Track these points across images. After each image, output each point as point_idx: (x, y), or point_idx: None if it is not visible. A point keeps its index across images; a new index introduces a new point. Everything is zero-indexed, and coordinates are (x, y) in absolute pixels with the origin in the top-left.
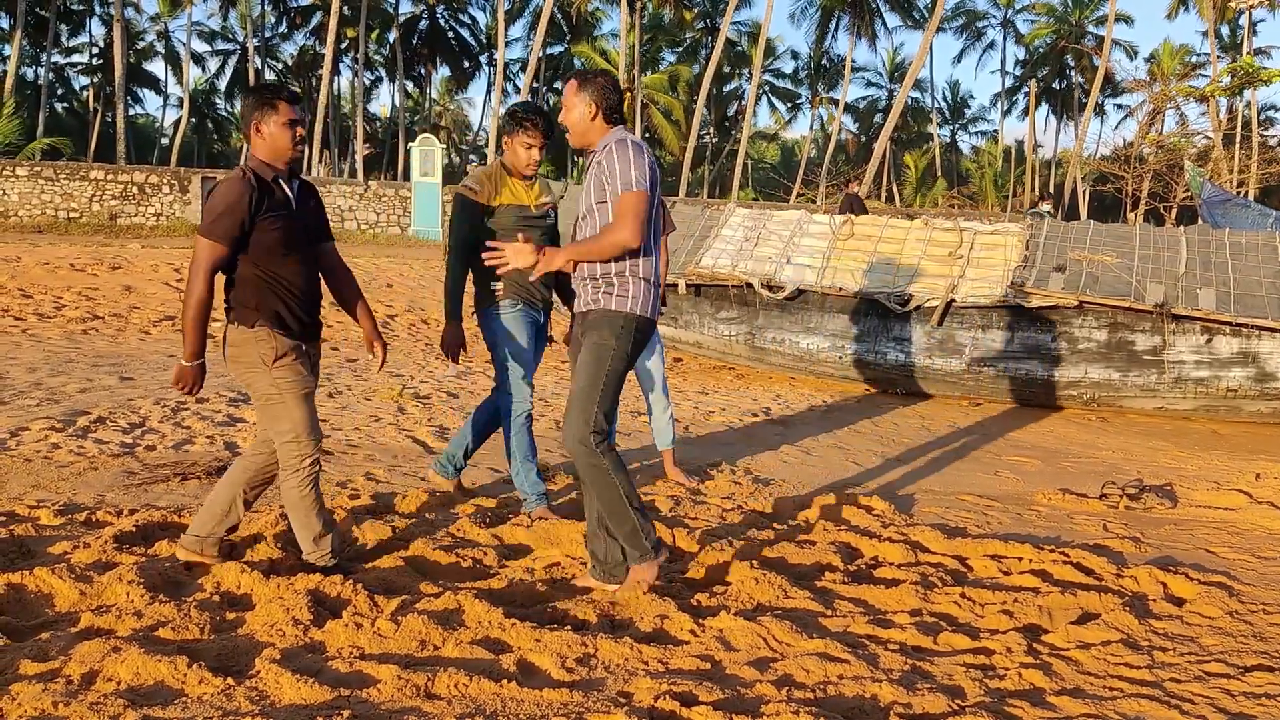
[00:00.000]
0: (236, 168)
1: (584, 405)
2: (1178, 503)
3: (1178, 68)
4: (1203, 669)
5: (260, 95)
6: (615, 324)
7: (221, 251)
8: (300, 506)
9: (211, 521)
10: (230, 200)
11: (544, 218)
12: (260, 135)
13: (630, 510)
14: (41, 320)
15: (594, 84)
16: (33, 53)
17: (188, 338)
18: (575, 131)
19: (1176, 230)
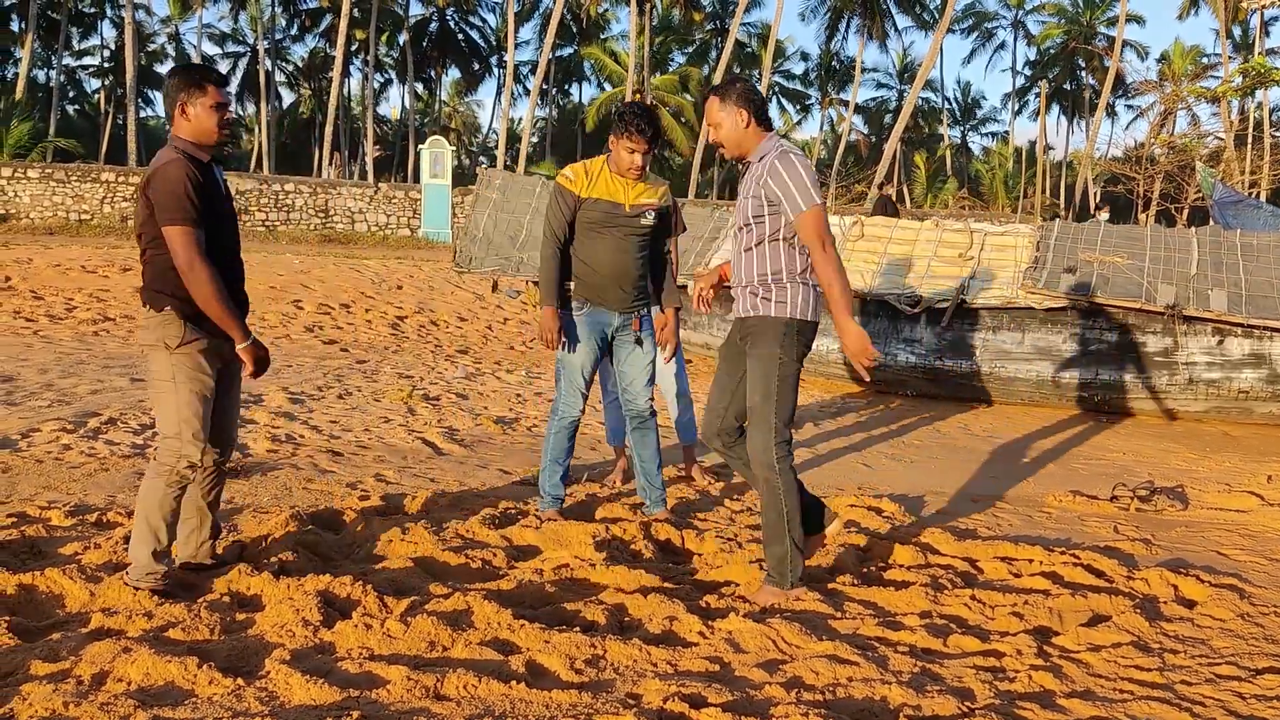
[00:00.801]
0: (166, 149)
1: (764, 417)
2: (1189, 505)
3: (1189, 68)
4: (1214, 671)
5: (188, 75)
6: (779, 331)
7: (197, 232)
8: (153, 511)
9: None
10: (183, 179)
11: (637, 218)
12: (185, 117)
13: (787, 535)
14: (53, 322)
15: (736, 92)
16: (44, 55)
17: (230, 325)
18: (730, 144)
19: (1188, 231)
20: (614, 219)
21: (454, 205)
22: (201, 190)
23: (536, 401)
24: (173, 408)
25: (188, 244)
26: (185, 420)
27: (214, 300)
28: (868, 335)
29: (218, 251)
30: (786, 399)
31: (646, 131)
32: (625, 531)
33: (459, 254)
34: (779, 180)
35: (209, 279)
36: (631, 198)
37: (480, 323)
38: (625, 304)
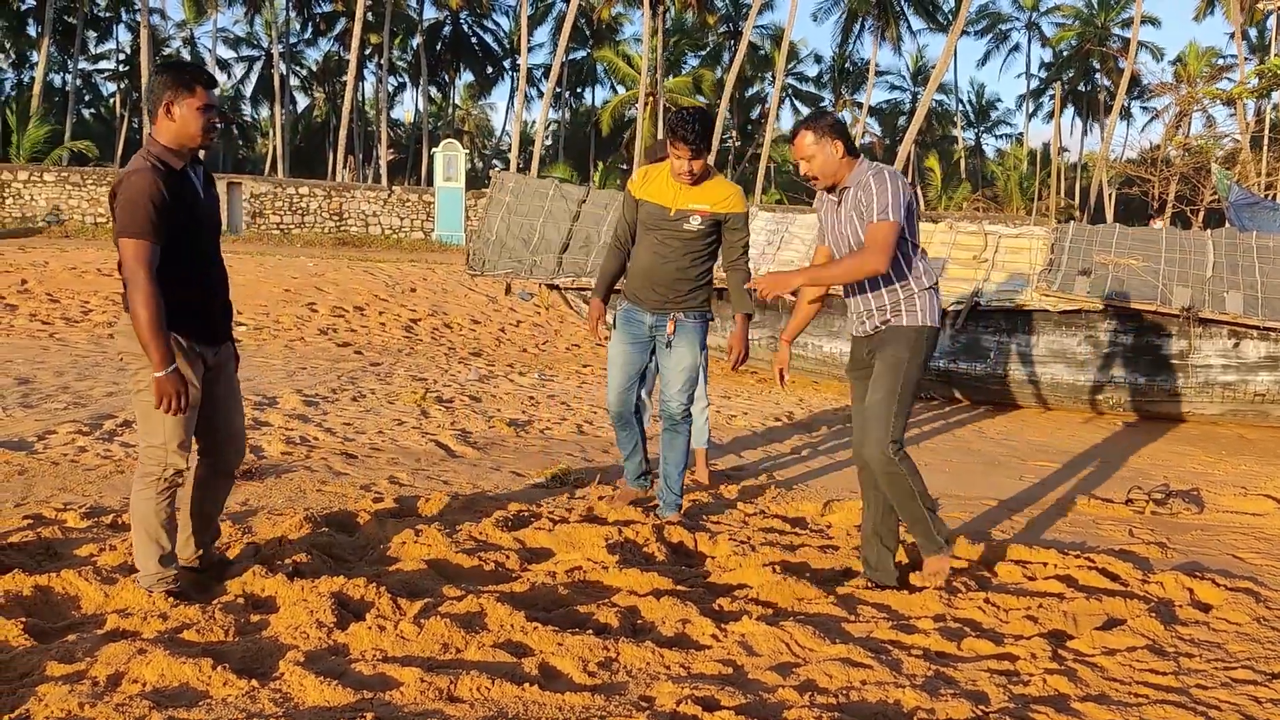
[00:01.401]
0: (139, 155)
1: (883, 416)
2: (1204, 508)
3: (1204, 70)
4: (1229, 675)
5: (176, 74)
6: (909, 337)
7: (151, 248)
8: (150, 520)
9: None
10: (149, 191)
11: (680, 221)
12: (170, 117)
13: (924, 510)
14: (68, 325)
15: (827, 124)
16: (60, 59)
17: (151, 347)
18: (825, 175)
19: (1203, 233)
20: (658, 221)
21: (467, 208)
22: (167, 202)
23: (549, 404)
24: (157, 417)
25: (135, 257)
26: (170, 430)
27: (146, 319)
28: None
29: (192, 258)
30: (907, 400)
31: (688, 138)
32: (638, 534)
33: (472, 257)
34: (867, 196)
35: (147, 297)
36: (680, 202)
37: (493, 325)
38: (659, 305)
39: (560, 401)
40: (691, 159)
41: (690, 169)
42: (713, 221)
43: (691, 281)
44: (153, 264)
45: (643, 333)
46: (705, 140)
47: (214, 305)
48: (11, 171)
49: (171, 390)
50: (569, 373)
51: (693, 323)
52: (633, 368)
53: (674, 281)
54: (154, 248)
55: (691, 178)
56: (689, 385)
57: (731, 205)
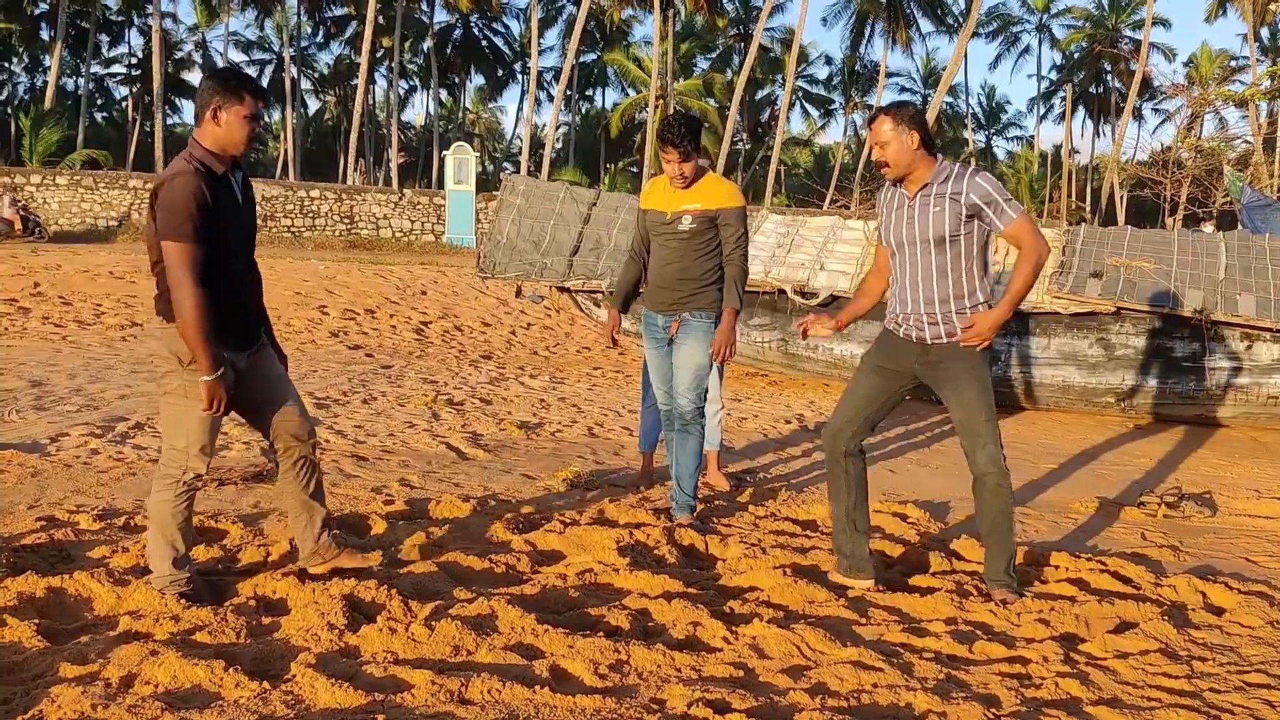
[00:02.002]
0: (180, 157)
1: (993, 430)
2: (1217, 511)
3: (1217, 71)
4: (1243, 679)
5: (225, 82)
6: (980, 352)
7: (196, 251)
8: (166, 522)
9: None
10: (191, 194)
11: (674, 223)
12: (216, 123)
13: (1011, 533)
14: (81, 327)
15: (908, 114)
16: (73, 63)
17: (200, 350)
18: (896, 163)
19: (1215, 235)
20: (659, 226)
21: (478, 211)
22: (209, 205)
23: (560, 406)
24: (182, 422)
25: (180, 261)
26: (194, 436)
27: (194, 323)
28: (993, 323)
29: (230, 262)
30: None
31: (673, 139)
32: (649, 536)
33: (483, 259)
34: (985, 193)
35: (195, 301)
36: (675, 205)
37: (504, 328)
38: (666, 306)
39: (571, 404)
40: (681, 161)
41: (682, 171)
42: (706, 219)
43: (695, 281)
44: (197, 267)
45: (661, 334)
46: (692, 142)
47: (248, 311)
48: (24, 175)
49: (221, 393)
50: (580, 375)
51: (698, 322)
52: (668, 368)
53: (677, 282)
54: (197, 250)
55: (684, 180)
56: (696, 384)
57: (722, 201)
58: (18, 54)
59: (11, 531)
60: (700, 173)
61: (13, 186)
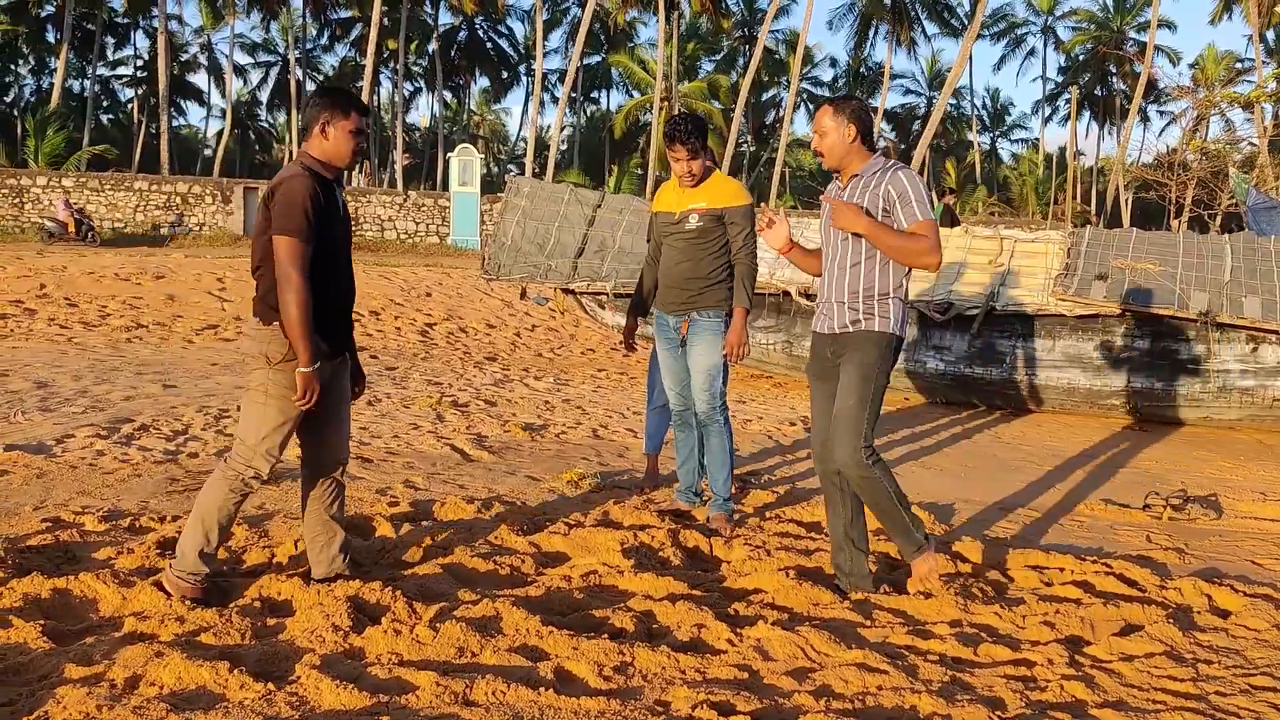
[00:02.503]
0: (293, 164)
1: (854, 422)
2: (1223, 514)
3: (1222, 73)
4: (1248, 682)
5: (334, 99)
6: (881, 344)
7: (305, 248)
8: (211, 511)
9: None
10: (307, 194)
11: (681, 223)
12: (325, 137)
13: (901, 511)
14: (87, 329)
15: (850, 107)
16: (79, 65)
17: (302, 343)
18: (831, 154)
19: (1221, 237)
20: (668, 227)
21: (482, 213)
22: (322, 209)
23: (564, 408)
24: (258, 419)
25: (291, 255)
26: (266, 435)
27: (298, 316)
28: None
29: (331, 269)
30: (876, 407)
31: (681, 137)
32: (653, 538)
33: (487, 261)
34: (901, 189)
35: (299, 294)
36: (682, 204)
37: (509, 330)
38: (675, 306)
39: (575, 406)
40: (689, 159)
41: (690, 169)
42: (712, 217)
43: (703, 280)
44: (306, 263)
45: (672, 335)
46: (699, 140)
47: (341, 319)
48: (30, 177)
49: (315, 386)
50: (584, 377)
51: (707, 321)
52: (680, 369)
53: (685, 281)
54: (307, 249)
55: (693, 179)
56: (710, 385)
57: (728, 199)
58: (24, 56)
59: (17, 533)
60: (708, 172)
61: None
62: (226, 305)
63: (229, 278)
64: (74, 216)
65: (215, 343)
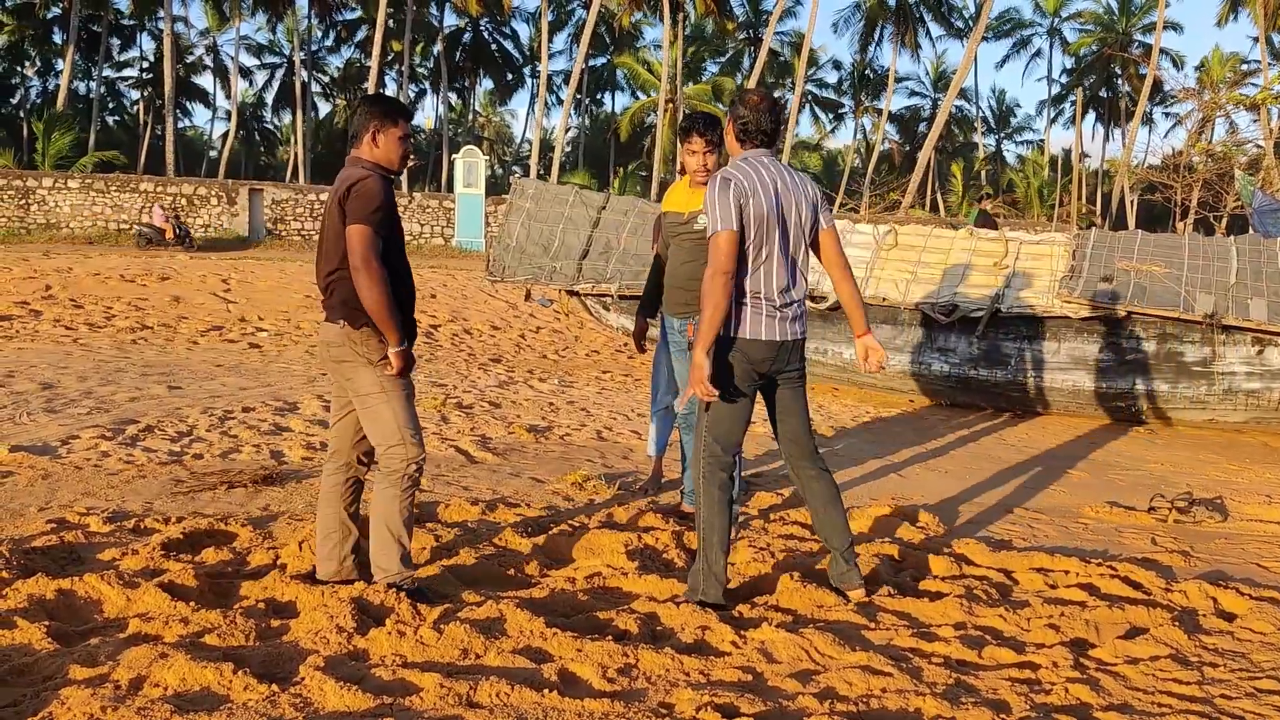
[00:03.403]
0: (355, 167)
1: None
2: (1228, 516)
3: (1228, 75)
4: (1254, 685)
5: (384, 107)
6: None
7: (378, 239)
8: (394, 518)
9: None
10: (382, 191)
11: (690, 223)
12: (375, 144)
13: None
14: (92, 330)
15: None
16: (85, 67)
17: (390, 324)
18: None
19: (1226, 240)
20: (676, 227)
21: (487, 214)
22: (391, 205)
23: (569, 410)
24: (390, 417)
25: (366, 244)
26: (404, 425)
27: (379, 299)
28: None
29: (396, 268)
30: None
31: (699, 128)
32: (657, 540)
33: (492, 263)
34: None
35: (379, 278)
36: (692, 204)
37: (513, 331)
38: (680, 308)
39: (580, 408)
40: (705, 152)
41: (705, 164)
42: None
43: None
44: (379, 251)
45: (677, 339)
46: (715, 131)
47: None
48: (36, 179)
49: (410, 363)
50: (589, 379)
51: None
52: (680, 373)
53: (690, 282)
54: (379, 239)
55: (707, 175)
56: None
57: None
58: (30, 58)
59: (22, 534)
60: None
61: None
62: (232, 307)
63: (234, 279)
64: (171, 223)
65: (220, 344)
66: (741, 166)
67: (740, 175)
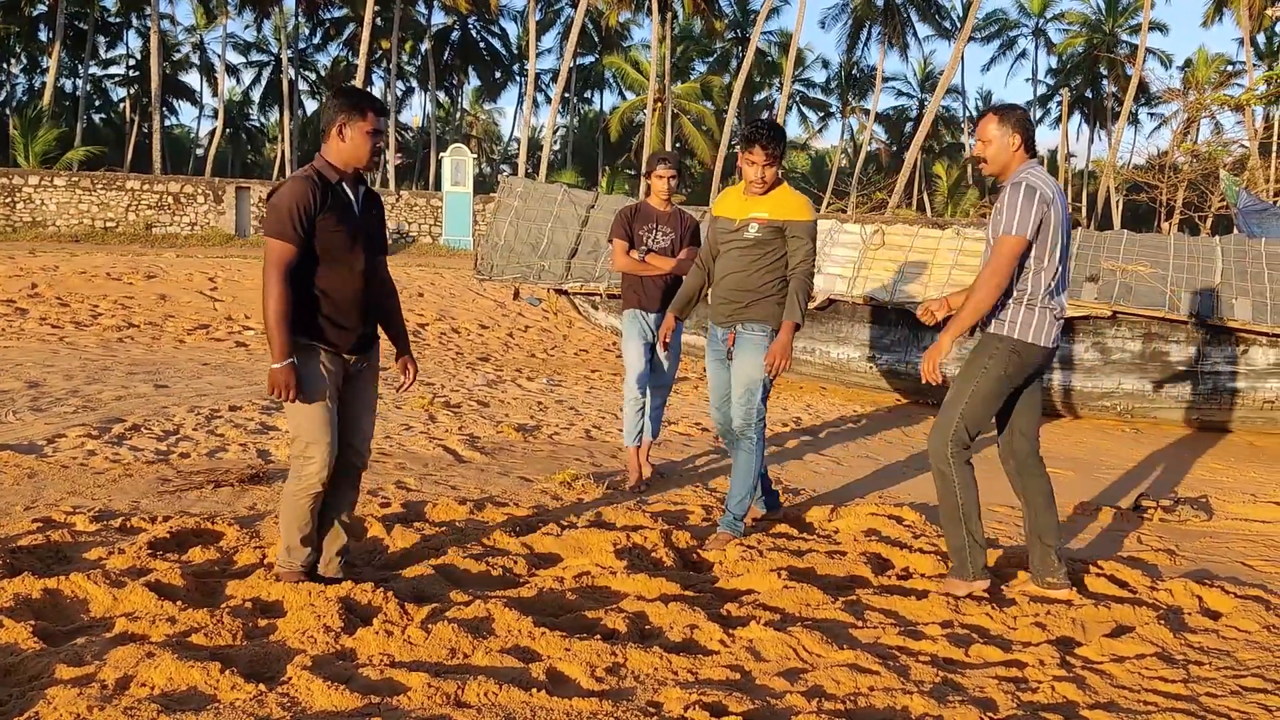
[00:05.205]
0: (305, 169)
1: (949, 417)
2: (1214, 515)
3: (1213, 76)
4: (1239, 684)
5: (350, 99)
6: (993, 346)
7: (290, 250)
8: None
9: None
10: (295, 197)
11: (741, 230)
12: (341, 139)
13: (964, 529)
14: (78, 328)
15: (1015, 117)
16: (71, 64)
17: (273, 341)
18: (993, 163)
19: (1212, 240)
20: (726, 234)
21: (475, 213)
22: (313, 210)
23: (558, 409)
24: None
25: (270, 256)
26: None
27: (269, 314)
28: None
29: (336, 265)
30: (977, 406)
31: (762, 140)
32: (646, 539)
33: (480, 261)
34: (1001, 202)
35: (272, 295)
36: (745, 212)
37: (501, 330)
38: (724, 317)
39: (569, 407)
40: (765, 165)
41: (763, 176)
42: (772, 229)
43: (753, 291)
44: (286, 264)
45: (720, 347)
46: (779, 145)
47: (354, 316)
48: (22, 176)
49: (281, 382)
50: (577, 378)
51: (751, 335)
52: (726, 383)
53: (735, 290)
54: (289, 249)
55: (764, 185)
56: (749, 398)
57: (791, 213)
58: (16, 55)
59: (8, 533)
60: (778, 181)
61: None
62: (218, 305)
63: (220, 277)
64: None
65: (207, 342)
66: (1041, 174)
67: (1043, 184)
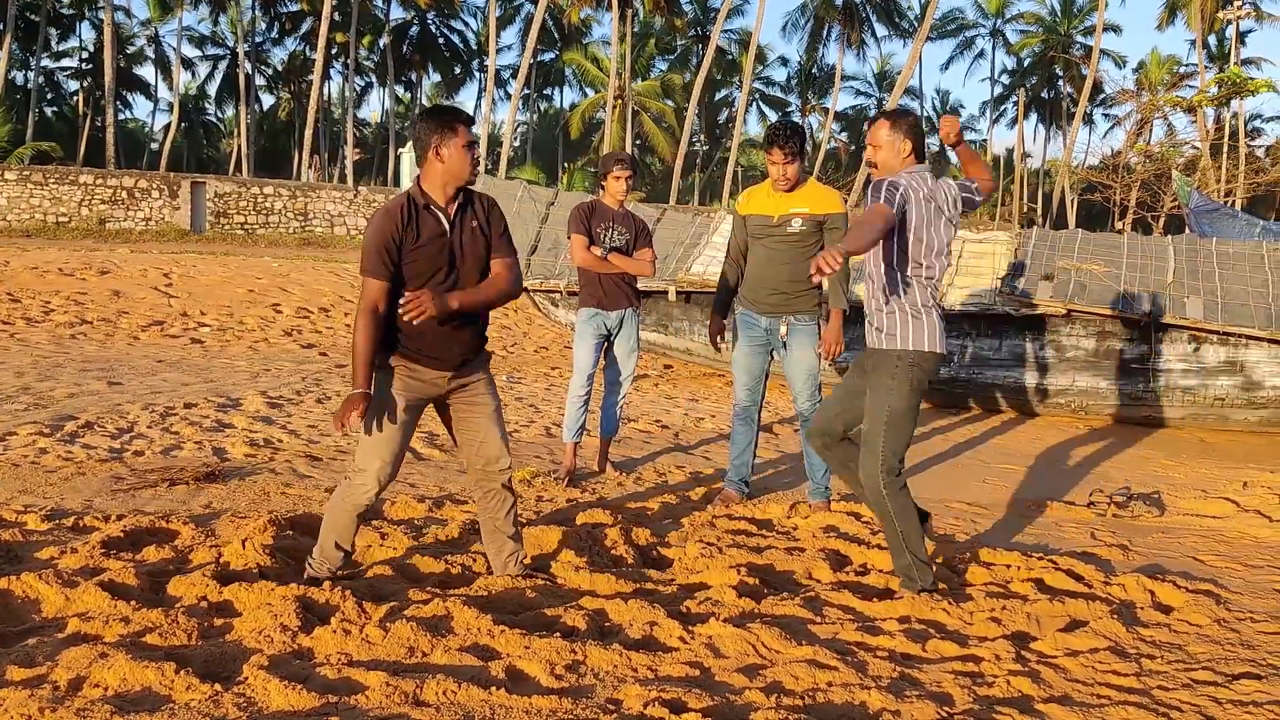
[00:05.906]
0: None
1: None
2: (1165, 511)
3: (1166, 78)
4: (1190, 677)
5: (440, 118)
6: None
7: (380, 286)
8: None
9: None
10: (379, 234)
11: (783, 226)
12: (440, 159)
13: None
14: (29, 325)
15: (906, 122)
16: (22, 56)
17: (353, 369)
18: (883, 168)
19: (1164, 239)
20: (765, 230)
21: None
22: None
23: (517, 406)
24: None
25: (363, 292)
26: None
27: (354, 347)
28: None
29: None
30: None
31: (780, 141)
32: (606, 537)
33: None
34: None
35: (360, 329)
36: (782, 208)
37: None
38: (771, 308)
39: (528, 404)
40: (786, 163)
41: (786, 174)
42: (813, 222)
43: (802, 283)
44: (374, 300)
45: (759, 335)
46: (797, 142)
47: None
48: None
49: (349, 406)
50: (537, 375)
51: (803, 326)
52: (756, 368)
53: (784, 283)
54: (378, 285)
55: (788, 183)
56: (812, 383)
57: (829, 206)
58: None
59: None
60: (801, 178)
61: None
62: (173, 301)
63: (175, 273)
64: None
65: (161, 339)
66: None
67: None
